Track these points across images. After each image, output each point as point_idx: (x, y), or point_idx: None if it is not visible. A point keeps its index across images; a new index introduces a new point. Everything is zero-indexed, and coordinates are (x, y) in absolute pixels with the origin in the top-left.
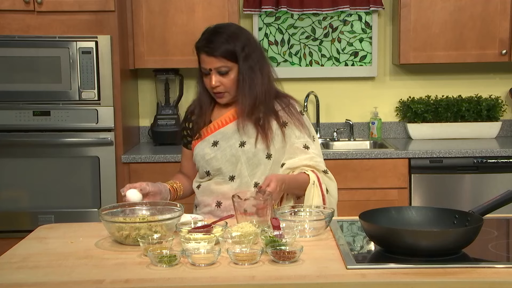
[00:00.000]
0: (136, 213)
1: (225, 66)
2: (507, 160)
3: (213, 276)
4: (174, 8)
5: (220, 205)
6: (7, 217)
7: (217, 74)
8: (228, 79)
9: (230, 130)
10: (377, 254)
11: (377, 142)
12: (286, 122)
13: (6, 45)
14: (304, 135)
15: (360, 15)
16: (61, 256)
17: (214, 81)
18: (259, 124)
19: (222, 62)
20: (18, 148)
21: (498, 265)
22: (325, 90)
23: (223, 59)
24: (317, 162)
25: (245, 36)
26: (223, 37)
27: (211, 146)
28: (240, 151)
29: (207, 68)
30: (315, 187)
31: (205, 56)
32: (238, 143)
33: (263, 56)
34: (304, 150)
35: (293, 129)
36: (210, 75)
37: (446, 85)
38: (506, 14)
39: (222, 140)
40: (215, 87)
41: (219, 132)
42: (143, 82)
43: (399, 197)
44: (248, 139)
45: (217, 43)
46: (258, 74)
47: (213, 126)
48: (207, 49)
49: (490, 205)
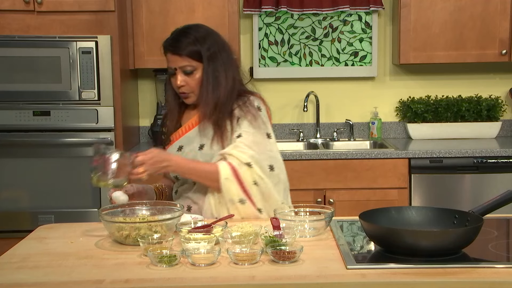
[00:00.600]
0: (136, 213)
1: (190, 66)
2: (507, 160)
3: (213, 276)
4: (174, 8)
5: (190, 209)
6: (7, 217)
7: (182, 73)
8: (193, 79)
9: (193, 134)
10: (377, 254)
11: (377, 142)
12: (239, 117)
13: (6, 45)
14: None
15: (360, 15)
16: (61, 256)
17: (180, 80)
18: (217, 124)
19: (187, 61)
20: (18, 148)
21: (498, 265)
22: (325, 90)
23: (188, 58)
24: (240, 151)
25: (212, 38)
26: (190, 38)
27: (176, 151)
28: (199, 154)
29: (173, 67)
30: (229, 181)
31: (170, 55)
32: (198, 146)
33: (230, 58)
34: (235, 139)
35: (242, 123)
36: (176, 75)
37: (446, 85)
38: (506, 14)
39: (186, 145)
40: (180, 87)
41: (185, 137)
42: (143, 82)
43: (399, 197)
44: (206, 142)
45: (183, 42)
46: (223, 75)
47: (181, 131)
48: (173, 48)
49: (490, 205)
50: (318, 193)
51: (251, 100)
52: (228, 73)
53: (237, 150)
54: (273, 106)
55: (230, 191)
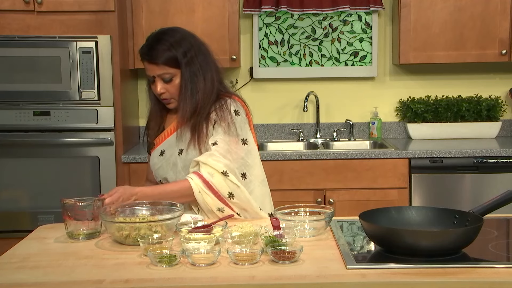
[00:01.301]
0: (136, 213)
1: (168, 73)
2: (507, 160)
3: (213, 276)
4: (174, 8)
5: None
6: (7, 217)
7: (161, 81)
8: (172, 85)
9: (173, 138)
10: (377, 254)
11: (377, 142)
12: (215, 122)
13: (6, 45)
14: (222, 134)
15: (360, 15)
16: (61, 256)
17: (159, 88)
18: (195, 129)
19: (164, 69)
20: (18, 148)
21: (498, 265)
22: (325, 90)
23: (165, 66)
24: (215, 160)
25: (188, 41)
26: (164, 45)
27: (158, 156)
28: (178, 158)
29: (150, 75)
30: (202, 195)
31: (147, 64)
32: (178, 151)
33: (207, 60)
34: (210, 147)
35: (217, 129)
36: (155, 82)
37: (446, 85)
38: (506, 14)
39: (167, 149)
40: (161, 94)
41: (167, 141)
42: (143, 82)
43: (399, 197)
44: (184, 146)
45: (159, 50)
46: (201, 79)
47: (163, 136)
48: (148, 57)
49: (490, 205)
50: (318, 193)
51: (228, 103)
52: (206, 76)
53: (212, 159)
54: (273, 106)
55: (207, 203)
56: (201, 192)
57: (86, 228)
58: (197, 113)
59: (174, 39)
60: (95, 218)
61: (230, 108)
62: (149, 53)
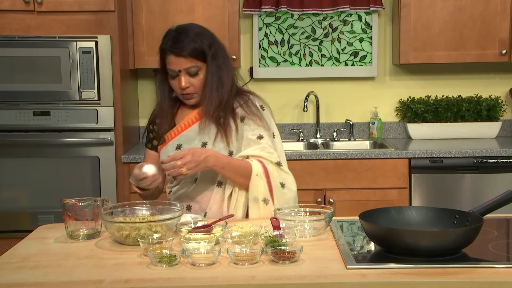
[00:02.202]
0: (136, 213)
1: (195, 66)
2: (507, 160)
3: (213, 276)
4: (174, 8)
5: (190, 209)
6: (7, 217)
7: (186, 75)
8: (197, 79)
9: (193, 132)
10: (377, 254)
11: (377, 142)
12: (243, 117)
13: (6, 45)
14: (259, 128)
15: (360, 15)
16: (61, 256)
17: (184, 82)
18: (219, 122)
19: (192, 62)
20: (18, 148)
21: (498, 265)
22: (325, 90)
23: (193, 59)
24: (268, 152)
25: (209, 35)
26: (190, 37)
27: (175, 150)
28: None
29: (176, 69)
30: (259, 178)
31: (173, 57)
32: (200, 144)
33: (227, 55)
34: (257, 141)
35: (249, 123)
36: (179, 77)
37: (446, 85)
38: (506, 14)
39: (185, 143)
40: (185, 88)
41: (182, 135)
42: (143, 82)
43: (399, 197)
44: (209, 139)
45: (185, 42)
46: (225, 73)
47: (177, 130)
48: (176, 50)
49: (490, 205)
50: (318, 193)
51: (252, 99)
52: (228, 71)
53: (265, 152)
54: (273, 106)
55: (258, 188)
56: (258, 176)
57: (86, 228)
58: (222, 107)
59: (197, 32)
60: (95, 218)
61: (256, 103)
62: (176, 46)
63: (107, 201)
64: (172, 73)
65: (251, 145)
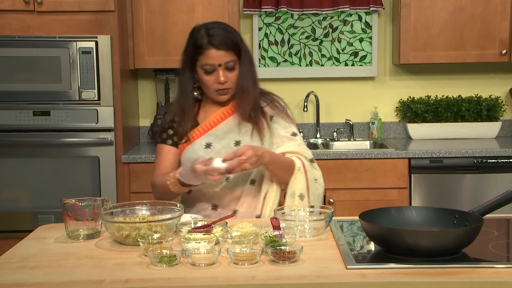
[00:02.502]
0: (136, 213)
1: (232, 60)
2: (507, 160)
3: (213, 276)
4: (174, 8)
5: (216, 208)
6: (7, 217)
7: (224, 69)
8: (233, 74)
9: (222, 130)
10: (377, 254)
11: (377, 142)
12: (272, 116)
13: (6, 45)
14: (291, 125)
15: (360, 15)
16: (61, 256)
17: (223, 76)
18: (252, 121)
19: (231, 56)
20: (18, 148)
21: (498, 265)
22: (325, 90)
23: (232, 52)
24: (303, 149)
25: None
26: (226, 30)
27: (204, 149)
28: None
29: (216, 63)
30: (300, 173)
31: (213, 51)
32: (233, 143)
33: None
34: (292, 138)
35: (279, 121)
36: (217, 71)
37: (446, 85)
38: (506, 14)
39: (215, 141)
40: (223, 83)
41: (211, 134)
42: (143, 82)
43: (399, 197)
44: (242, 137)
45: (223, 36)
46: (254, 69)
47: (203, 128)
48: (217, 43)
49: (490, 205)
50: None
51: (276, 99)
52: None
53: (302, 148)
54: None
55: (298, 184)
56: (300, 170)
57: (86, 228)
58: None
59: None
60: (95, 218)
61: (280, 102)
62: (217, 39)
63: (107, 201)
64: (210, 68)
65: (285, 142)
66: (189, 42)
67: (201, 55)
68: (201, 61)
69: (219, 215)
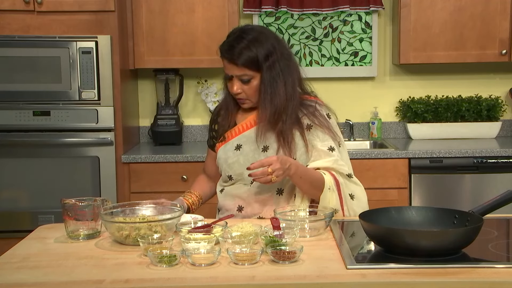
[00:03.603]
0: (136, 213)
1: (247, 75)
2: (507, 160)
3: (213, 276)
4: (174, 8)
5: (241, 210)
6: (7, 217)
7: (239, 81)
8: (249, 86)
9: (251, 134)
10: (377, 254)
11: (377, 142)
12: (310, 125)
13: (6, 45)
14: (329, 138)
15: (360, 15)
16: (61, 256)
17: (236, 87)
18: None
19: (244, 71)
20: (18, 148)
21: (498, 265)
22: (325, 90)
23: (245, 68)
24: (339, 165)
25: (270, 43)
26: (245, 44)
27: (234, 150)
28: (263, 155)
29: (229, 73)
30: (331, 192)
31: (226, 62)
32: (261, 148)
33: (289, 64)
34: (329, 153)
35: (317, 133)
36: (232, 81)
37: (446, 85)
38: (506, 14)
39: (245, 144)
40: (236, 94)
41: (243, 136)
42: (143, 82)
43: (399, 197)
44: (270, 144)
45: (239, 50)
46: (281, 84)
47: (237, 130)
48: (228, 56)
49: (490, 205)
50: None
51: (318, 109)
52: (287, 81)
53: (337, 165)
54: None
55: (330, 202)
56: (331, 189)
57: (86, 228)
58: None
59: (257, 39)
60: (95, 218)
61: (323, 112)
62: (230, 52)
63: (107, 201)
64: (227, 76)
65: (322, 157)
66: None
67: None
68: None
69: (243, 217)
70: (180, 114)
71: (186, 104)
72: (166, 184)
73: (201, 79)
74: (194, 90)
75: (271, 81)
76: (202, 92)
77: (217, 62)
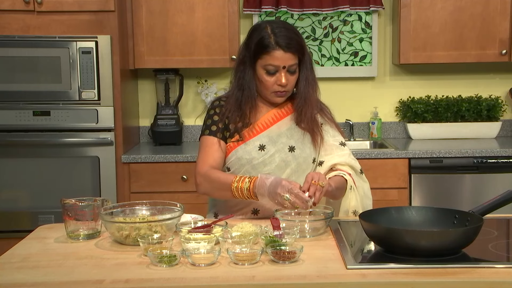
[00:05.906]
0: (136, 213)
1: (296, 64)
2: (507, 160)
3: (213, 276)
4: (174, 8)
5: (257, 213)
6: (7, 217)
7: (287, 72)
8: (294, 77)
9: (274, 132)
10: (377, 254)
11: (377, 142)
12: (322, 123)
13: (6, 45)
14: (338, 134)
15: (360, 15)
16: (61, 256)
17: (285, 79)
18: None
19: (296, 59)
20: (18, 148)
21: (498, 265)
22: (325, 90)
23: (297, 55)
24: (353, 159)
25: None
26: (294, 32)
27: (258, 150)
28: (291, 156)
29: (280, 65)
30: (352, 191)
31: (281, 53)
32: (287, 148)
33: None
34: (341, 147)
35: (328, 130)
36: (280, 73)
37: (446, 85)
38: (506, 14)
39: (268, 144)
40: (285, 86)
41: (264, 135)
42: (143, 82)
43: (399, 197)
44: (295, 143)
45: (290, 38)
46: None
47: (257, 128)
48: (284, 44)
49: (490, 205)
50: None
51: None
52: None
53: (351, 158)
54: None
55: (351, 202)
56: (352, 189)
57: (86, 228)
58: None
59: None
60: (95, 218)
61: (329, 110)
62: (285, 41)
63: (107, 201)
64: (272, 69)
65: (334, 151)
66: (253, 38)
67: (266, 55)
68: (265, 61)
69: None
70: (180, 114)
71: (186, 104)
72: (166, 184)
73: (201, 79)
74: (194, 90)
75: (311, 67)
76: (202, 92)
77: (217, 62)
